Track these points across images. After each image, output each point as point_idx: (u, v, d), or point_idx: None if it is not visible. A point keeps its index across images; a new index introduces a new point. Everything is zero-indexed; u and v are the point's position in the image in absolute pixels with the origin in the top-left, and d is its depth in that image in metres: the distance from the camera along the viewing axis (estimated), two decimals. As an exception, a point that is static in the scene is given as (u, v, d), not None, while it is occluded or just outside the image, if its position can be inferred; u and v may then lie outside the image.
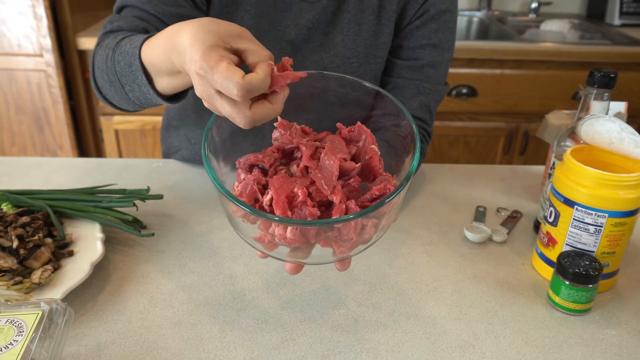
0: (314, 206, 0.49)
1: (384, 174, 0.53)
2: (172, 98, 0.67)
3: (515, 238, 0.79)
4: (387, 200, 0.47)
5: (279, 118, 0.55)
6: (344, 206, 0.49)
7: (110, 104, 0.77)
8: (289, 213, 0.48)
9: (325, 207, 0.51)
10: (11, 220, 0.68)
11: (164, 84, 0.62)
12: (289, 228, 0.48)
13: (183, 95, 0.67)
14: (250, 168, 0.54)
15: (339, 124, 0.56)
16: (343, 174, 0.52)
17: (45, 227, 0.70)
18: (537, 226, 0.80)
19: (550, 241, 0.69)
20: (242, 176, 0.53)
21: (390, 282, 0.69)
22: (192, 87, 0.72)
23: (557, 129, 0.88)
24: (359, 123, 0.55)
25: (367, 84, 0.57)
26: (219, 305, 0.64)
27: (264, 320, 0.62)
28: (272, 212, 0.49)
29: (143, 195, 0.76)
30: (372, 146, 0.54)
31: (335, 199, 0.49)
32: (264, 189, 0.51)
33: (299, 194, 0.49)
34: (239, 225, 0.52)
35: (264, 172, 0.53)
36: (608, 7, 2.15)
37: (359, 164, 0.53)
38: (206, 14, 0.81)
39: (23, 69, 1.82)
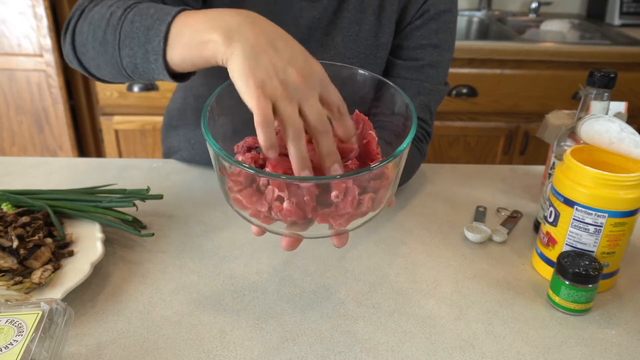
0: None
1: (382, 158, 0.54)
2: (176, 76, 0.62)
3: (515, 238, 0.79)
4: (381, 164, 0.48)
5: None
6: (344, 184, 0.49)
7: (81, 65, 0.71)
8: (287, 192, 0.49)
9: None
10: (11, 220, 0.68)
11: (175, 55, 0.57)
12: (286, 201, 0.48)
13: (187, 77, 0.63)
14: (248, 150, 0.54)
15: None
16: (342, 156, 0.53)
17: (45, 227, 0.70)
18: (537, 226, 0.80)
19: (550, 241, 0.69)
20: (240, 158, 0.53)
21: (390, 282, 0.69)
22: (194, 74, 0.65)
23: (557, 129, 0.88)
24: (357, 111, 0.56)
25: (363, 72, 0.57)
26: (219, 305, 0.64)
27: (264, 320, 0.62)
28: (270, 190, 0.49)
29: (143, 195, 0.76)
30: (370, 131, 0.55)
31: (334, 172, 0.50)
32: (261, 168, 0.51)
33: None
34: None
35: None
36: (608, 7, 2.15)
37: (357, 145, 0.53)
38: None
39: (23, 69, 1.82)
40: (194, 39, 0.54)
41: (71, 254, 0.68)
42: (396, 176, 0.52)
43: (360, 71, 0.58)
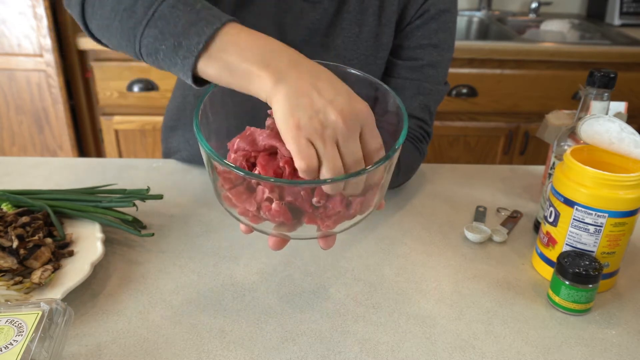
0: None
1: None
2: (196, 80, 0.57)
3: (515, 238, 0.79)
4: (371, 168, 0.48)
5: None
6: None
7: (81, 15, 0.65)
8: (276, 193, 0.49)
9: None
10: (11, 220, 0.68)
11: (212, 68, 0.54)
12: (275, 202, 0.49)
13: (205, 84, 0.58)
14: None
15: None
16: None
17: (45, 227, 0.70)
18: (537, 226, 0.80)
19: (550, 241, 0.69)
20: (232, 156, 0.53)
21: (390, 282, 0.69)
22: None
23: (557, 129, 0.88)
24: None
25: (357, 72, 0.57)
26: (219, 305, 0.64)
27: (264, 320, 0.62)
28: (260, 190, 0.50)
29: (143, 195, 0.76)
30: None
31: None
32: (253, 166, 0.52)
33: (286, 167, 0.50)
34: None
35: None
36: (608, 7, 2.15)
37: None
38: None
39: (23, 69, 1.82)
40: (241, 66, 0.52)
41: (71, 254, 0.68)
42: (386, 179, 0.52)
43: (354, 71, 0.58)
